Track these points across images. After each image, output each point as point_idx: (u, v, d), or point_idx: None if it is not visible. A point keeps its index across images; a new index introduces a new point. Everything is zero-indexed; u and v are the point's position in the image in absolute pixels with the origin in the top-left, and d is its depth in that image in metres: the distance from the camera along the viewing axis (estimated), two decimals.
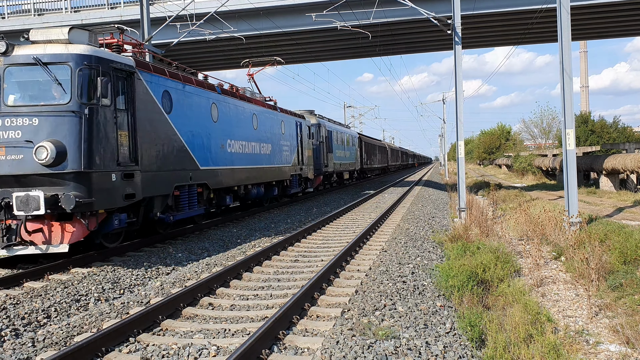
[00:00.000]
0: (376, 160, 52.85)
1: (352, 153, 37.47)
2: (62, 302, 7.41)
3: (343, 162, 33.66)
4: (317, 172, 26.01)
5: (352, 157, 37.60)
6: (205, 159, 13.66)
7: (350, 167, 36.88)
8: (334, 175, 31.76)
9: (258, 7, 23.99)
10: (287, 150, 20.78)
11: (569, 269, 8.65)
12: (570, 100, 12.13)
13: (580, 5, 23.05)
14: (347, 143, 35.68)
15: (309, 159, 24.01)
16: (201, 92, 13.80)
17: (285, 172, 20.33)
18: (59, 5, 26.17)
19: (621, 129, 46.88)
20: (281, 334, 5.69)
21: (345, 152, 34.93)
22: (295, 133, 22.03)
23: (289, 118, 21.56)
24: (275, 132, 19.35)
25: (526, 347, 5.12)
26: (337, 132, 32.26)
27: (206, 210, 14.52)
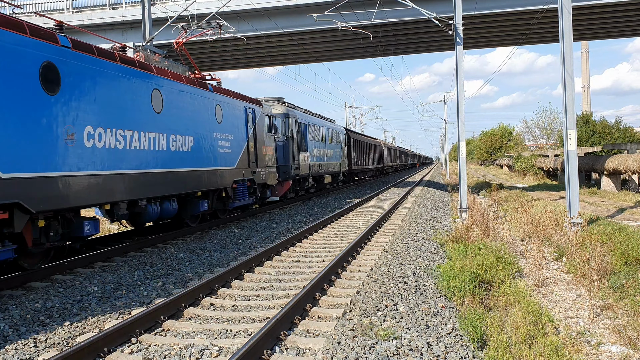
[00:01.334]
0: (369, 161, 47.49)
1: (336, 152, 31.67)
2: (64, 302, 7.43)
3: (323, 163, 28.01)
4: (284, 176, 20.87)
5: (337, 156, 31.88)
6: (19, 160, 7.74)
7: (334, 169, 31.05)
8: (308, 179, 25.48)
9: (259, 7, 24.01)
10: (226, 147, 14.76)
11: (570, 269, 8.65)
12: (572, 101, 12.12)
13: (582, 5, 23.04)
14: (330, 140, 30.11)
15: (269, 160, 18.50)
16: None
17: (224, 178, 14.49)
18: (61, 6, 26.20)
19: (623, 130, 46.85)
20: (283, 334, 5.69)
21: (327, 150, 29.15)
22: (243, 124, 16.12)
23: (233, 102, 15.52)
24: (202, 120, 13.44)
25: (528, 348, 5.12)
26: (315, 127, 26.65)
27: None
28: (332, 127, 30.92)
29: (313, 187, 27.11)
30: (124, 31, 25.75)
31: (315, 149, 26.36)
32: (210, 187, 13.80)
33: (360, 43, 27.37)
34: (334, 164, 30.99)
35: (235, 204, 15.53)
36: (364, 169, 45.07)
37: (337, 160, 31.93)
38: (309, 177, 25.45)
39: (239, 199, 15.69)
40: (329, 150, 29.55)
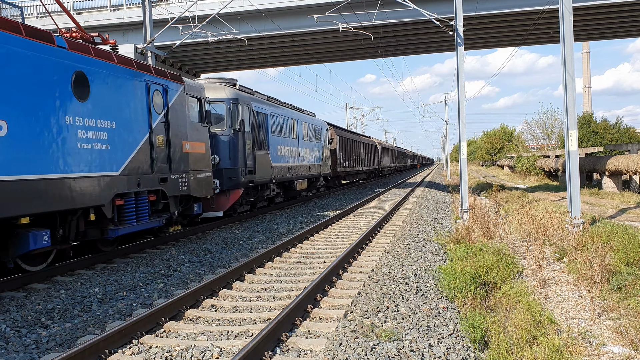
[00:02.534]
0: (360, 162, 41.69)
1: (315, 152, 25.94)
2: (66, 303, 7.43)
3: (295, 165, 22.29)
4: (231, 183, 15.51)
5: (317, 157, 26.26)
6: None
7: (312, 172, 25.09)
8: (271, 186, 19.33)
9: (260, 8, 24.03)
10: (98, 141, 9.62)
11: (572, 270, 8.64)
12: (573, 101, 12.11)
13: (583, 6, 23.05)
14: (306, 137, 24.52)
15: (198, 161, 13.24)
16: None
17: (90, 191, 9.30)
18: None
19: (624, 130, 46.81)
20: (284, 335, 5.69)
21: (301, 150, 23.54)
22: (141, 106, 11.01)
23: (117, 72, 10.34)
24: (34, 95, 8.20)
25: (529, 349, 5.11)
26: (282, 119, 20.98)
27: None
28: (309, 122, 24.94)
29: (280, 196, 21.30)
30: (124, 33, 25.79)
31: (283, 148, 20.68)
32: (49, 207, 8.34)
33: (361, 44, 27.38)
34: (312, 166, 25.11)
35: (120, 230, 10.11)
36: (354, 171, 39.34)
37: (316, 162, 26.07)
38: (272, 184, 19.39)
39: (127, 223, 10.37)
40: (303, 149, 23.76)
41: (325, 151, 28.31)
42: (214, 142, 15.16)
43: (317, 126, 26.98)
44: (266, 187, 19.09)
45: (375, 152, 51.58)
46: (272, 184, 19.53)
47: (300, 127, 23.65)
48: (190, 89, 13.15)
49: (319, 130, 27.31)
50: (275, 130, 19.99)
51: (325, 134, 28.65)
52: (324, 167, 27.80)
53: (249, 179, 16.73)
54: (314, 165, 25.72)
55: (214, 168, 14.97)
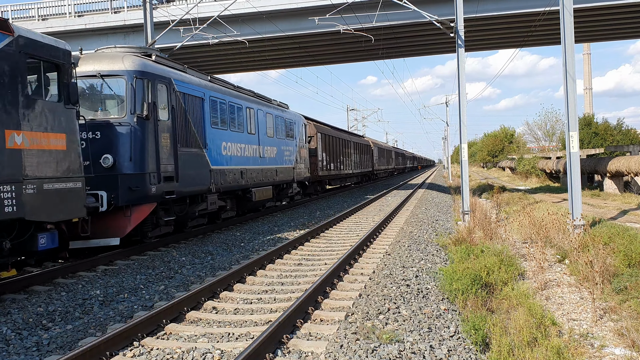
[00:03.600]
0: (350, 164, 36.56)
1: (285, 151, 20.69)
2: (67, 305, 7.43)
3: (254, 169, 17.07)
4: (133, 196, 10.90)
5: (288, 158, 20.97)
6: None
7: (281, 177, 19.86)
8: (208, 198, 14.00)
9: (261, 11, 24.06)
10: None
11: (573, 272, 8.63)
12: (574, 103, 12.11)
13: (584, 7, 23.05)
14: (271, 132, 19.12)
15: (44, 162, 8.39)
16: None
17: None
18: (63, 10, 26.28)
19: (625, 131, 46.80)
20: (285, 337, 5.68)
21: (264, 148, 18.23)
22: None
23: None
24: None
25: (530, 351, 5.10)
26: (230, 107, 15.70)
27: None
28: (276, 114, 19.84)
29: (227, 211, 15.68)
30: (125, 35, 25.84)
31: (232, 145, 15.46)
32: None
33: (361, 46, 27.41)
34: (281, 170, 19.74)
35: None
36: (341, 174, 33.88)
37: (287, 164, 20.69)
38: (211, 194, 14.01)
39: None
40: (267, 147, 18.51)
41: (301, 151, 22.88)
42: (106, 135, 10.81)
43: (289, 120, 21.51)
44: (201, 200, 13.60)
45: (369, 152, 46.74)
46: (212, 195, 13.96)
47: (262, 120, 18.16)
48: (32, 46, 8.26)
49: (292, 125, 21.97)
50: (219, 121, 14.61)
51: (301, 130, 23.24)
52: (299, 170, 22.26)
53: (167, 189, 11.78)
54: (283, 169, 20.03)
55: (107, 173, 10.55)
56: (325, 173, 29.40)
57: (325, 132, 29.88)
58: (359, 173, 41.62)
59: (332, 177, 31.67)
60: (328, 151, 30.03)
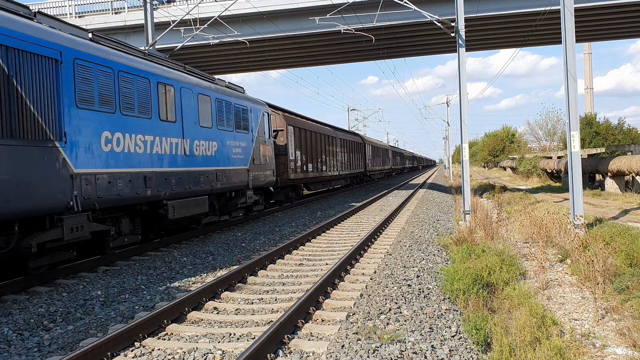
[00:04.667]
0: (334, 165, 31.35)
1: (232, 149, 15.44)
2: (68, 306, 7.43)
3: (176, 172, 12.22)
4: None
5: (238, 157, 15.78)
6: None
7: (227, 183, 14.81)
8: (77, 220, 8.85)
9: (261, 11, 24.06)
10: None
11: (574, 271, 8.62)
12: (575, 102, 12.10)
13: (585, 6, 23.03)
14: (206, 121, 13.97)
15: None
16: None
17: None
18: (64, 11, 26.31)
19: (626, 131, 46.72)
20: (286, 338, 5.68)
21: (193, 143, 13.15)
22: None
23: None
24: None
25: (532, 351, 5.09)
26: (125, 77, 10.55)
27: None
28: (216, 96, 14.60)
29: (115, 238, 10.62)
30: (126, 35, 25.84)
31: (126, 137, 10.53)
32: None
33: (362, 46, 27.41)
34: (224, 173, 14.54)
35: None
36: (323, 177, 28.56)
37: (237, 165, 15.58)
38: (72, 214, 8.88)
39: None
40: (200, 142, 13.42)
41: (261, 148, 17.66)
42: None
43: (241, 107, 16.20)
44: (51, 225, 8.63)
45: (361, 151, 41.38)
46: (74, 216, 8.88)
47: (190, 103, 12.99)
48: None
49: (246, 114, 16.58)
50: (97, 99, 9.73)
51: (261, 122, 17.95)
52: (257, 173, 17.11)
53: None
54: (231, 172, 14.97)
55: None
56: (300, 175, 23.92)
57: (299, 126, 24.43)
58: (348, 175, 36.16)
59: (309, 180, 26.27)
60: (304, 149, 24.96)
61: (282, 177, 21.37)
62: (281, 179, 21.21)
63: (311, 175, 26.06)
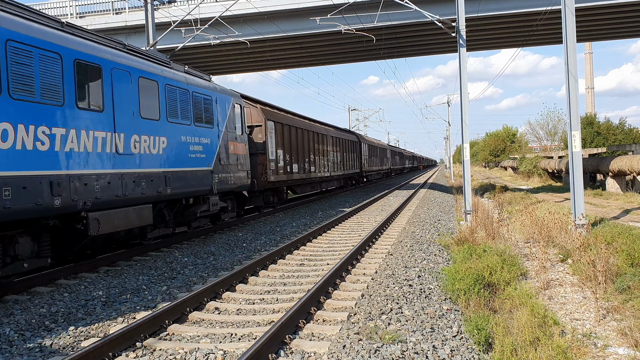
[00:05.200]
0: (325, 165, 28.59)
1: (188, 146, 12.54)
2: (69, 306, 7.44)
3: (102, 175, 9.37)
4: None
5: (198, 156, 12.98)
6: None
7: (182, 188, 12.07)
8: None
9: (262, 11, 24.08)
10: None
11: (575, 271, 8.61)
12: (576, 102, 12.10)
13: (585, 6, 23.02)
14: (150, 111, 11.08)
15: None
16: None
17: None
18: (65, 12, 26.33)
19: (627, 131, 46.68)
20: (288, 338, 5.68)
21: (128, 139, 10.22)
22: None
23: None
24: None
25: (534, 351, 5.09)
26: (11, 48, 7.56)
27: None
28: (169, 82, 11.98)
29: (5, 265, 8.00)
30: (127, 36, 25.85)
31: (18, 129, 7.66)
32: None
33: (363, 46, 27.40)
34: (176, 175, 11.90)
35: None
36: (312, 179, 25.96)
37: (197, 165, 12.88)
38: None
39: None
40: (141, 137, 10.74)
41: (231, 146, 14.92)
42: None
43: (204, 96, 13.45)
44: None
45: (356, 150, 38.41)
46: None
47: (127, 88, 10.35)
48: None
49: (211, 105, 13.84)
50: None
51: (231, 115, 15.14)
52: (226, 175, 14.43)
53: None
54: (187, 174, 12.25)
55: None
56: (283, 177, 21.05)
57: (282, 121, 21.55)
58: (342, 176, 33.28)
59: (295, 182, 23.23)
60: (288, 147, 22.15)
61: (260, 179, 18.70)
62: (259, 181, 18.54)
63: (297, 177, 23.26)
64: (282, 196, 22.18)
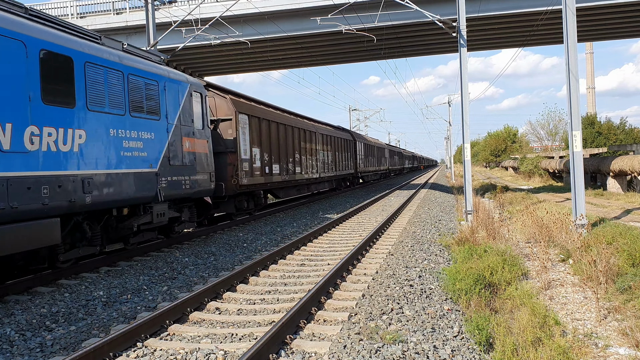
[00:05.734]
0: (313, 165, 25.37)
1: (121, 142, 9.86)
2: (70, 307, 7.44)
3: None
4: None
5: (137, 155, 10.34)
6: None
7: (110, 195, 9.43)
8: None
9: (263, 11, 24.08)
10: None
11: (576, 271, 8.61)
12: (577, 102, 12.09)
13: (586, 6, 23.01)
14: (60, 94, 8.39)
15: None
16: None
17: None
18: (65, 12, 26.35)
19: (628, 130, 46.69)
20: (288, 338, 5.68)
21: (27, 133, 7.65)
22: None
23: None
24: None
25: (535, 351, 5.09)
26: None
27: None
28: (91, 59, 9.26)
29: None
30: (128, 36, 25.88)
31: None
32: None
33: (363, 46, 27.41)
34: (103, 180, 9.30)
35: None
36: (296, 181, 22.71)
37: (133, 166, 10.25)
38: None
39: None
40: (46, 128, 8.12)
41: (187, 142, 12.49)
42: None
43: (147, 80, 10.93)
44: None
45: (350, 149, 35.22)
46: None
47: (16, 66, 7.68)
48: None
49: (156, 91, 11.35)
50: None
51: (189, 105, 12.74)
52: (180, 177, 12.01)
53: None
54: (118, 176, 9.75)
55: None
56: (259, 180, 17.87)
57: (258, 115, 18.28)
58: (333, 177, 29.83)
59: (275, 185, 19.86)
60: (267, 145, 18.92)
61: (229, 182, 15.70)
62: (228, 185, 15.59)
63: (278, 179, 19.97)
64: (260, 201, 18.99)
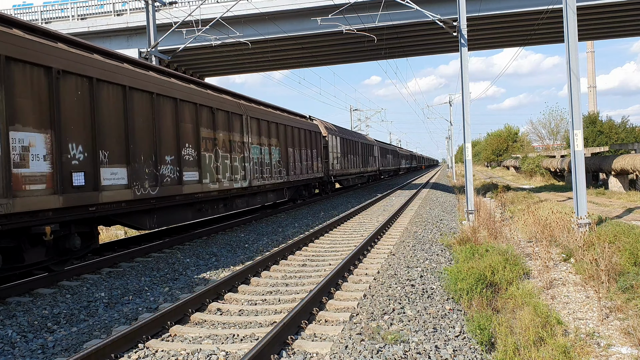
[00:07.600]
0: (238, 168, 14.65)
1: None
2: (72, 308, 7.44)
3: None
4: None
5: None
6: None
7: None
8: None
9: (263, 12, 24.09)
10: None
11: (578, 270, 8.60)
12: (578, 101, 12.07)
13: (587, 5, 22.99)
14: None
15: None
16: None
17: None
18: (66, 13, 26.37)
19: (629, 129, 46.58)
20: (290, 339, 5.68)
21: None
22: None
23: None
24: None
25: (536, 350, 5.08)
26: None
27: None
28: None
29: None
30: (128, 37, 25.90)
31: None
32: None
33: (364, 46, 27.41)
34: None
35: None
36: (184, 195, 11.84)
37: None
38: None
39: None
40: None
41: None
42: None
43: None
44: None
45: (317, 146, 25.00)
46: None
47: None
48: None
49: None
50: None
51: None
52: None
53: None
54: None
55: None
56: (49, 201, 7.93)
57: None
58: (282, 185, 19.61)
59: (117, 209, 9.70)
60: (88, 131, 8.94)
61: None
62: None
63: (120, 198, 9.73)
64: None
